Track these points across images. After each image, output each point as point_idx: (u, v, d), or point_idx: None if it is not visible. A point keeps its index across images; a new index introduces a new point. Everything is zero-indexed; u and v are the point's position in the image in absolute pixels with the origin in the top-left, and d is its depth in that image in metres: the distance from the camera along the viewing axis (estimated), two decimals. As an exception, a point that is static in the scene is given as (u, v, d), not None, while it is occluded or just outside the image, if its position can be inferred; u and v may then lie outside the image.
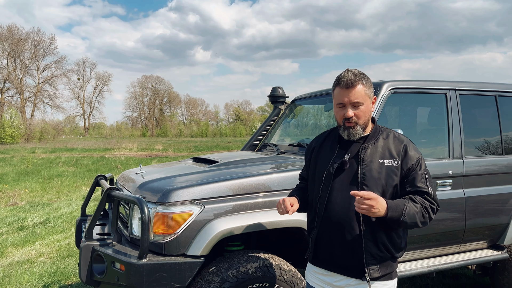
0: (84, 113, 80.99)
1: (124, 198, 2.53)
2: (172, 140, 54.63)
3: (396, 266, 1.97)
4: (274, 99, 4.55)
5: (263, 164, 3.08)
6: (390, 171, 1.88)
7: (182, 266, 2.38)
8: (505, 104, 3.72)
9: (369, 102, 1.94)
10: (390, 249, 1.90)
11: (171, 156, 23.99)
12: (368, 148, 1.93)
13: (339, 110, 1.94)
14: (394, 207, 1.79)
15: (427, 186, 1.88)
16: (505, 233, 3.54)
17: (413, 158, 1.90)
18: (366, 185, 1.86)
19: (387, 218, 1.78)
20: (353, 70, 1.93)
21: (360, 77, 1.90)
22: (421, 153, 1.96)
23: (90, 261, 2.55)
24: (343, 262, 1.92)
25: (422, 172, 1.90)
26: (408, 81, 3.34)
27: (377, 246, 1.87)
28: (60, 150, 28.76)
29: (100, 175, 3.42)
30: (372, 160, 1.89)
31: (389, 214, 1.78)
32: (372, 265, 1.87)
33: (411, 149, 1.93)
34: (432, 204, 1.88)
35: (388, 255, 1.90)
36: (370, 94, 1.94)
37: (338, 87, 1.92)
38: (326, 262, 1.98)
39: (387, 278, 1.92)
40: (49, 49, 63.45)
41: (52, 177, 13.49)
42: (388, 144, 1.93)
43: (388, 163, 1.88)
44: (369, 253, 1.86)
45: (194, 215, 2.46)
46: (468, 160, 3.40)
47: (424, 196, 1.87)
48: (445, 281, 4.40)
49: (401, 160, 1.89)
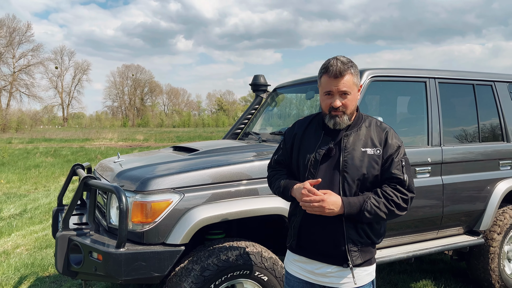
0: (63, 103, 79.23)
1: (101, 186, 2.47)
2: (154, 130, 54.06)
3: (375, 252, 1.99)
4: (255, 87, 4.52)
5: (244, 152, 3.06)
6: (372, 159, 1.87)
7: (161, 255, 2.35)
8: (483, 93, 3.78)
9: (356, 90, 1.91)
10: (371, 235, 1.91)
11: (152, 146, 23.74)
12: (350, 135, 1.91)
13: (326, 99, 1.90)
14: (351, 204, 1.80)
15: (402, 173, 1.86)
16: (481, 219, 3.62)
17: (393, 146, 1.89)
18: (347, 172, 1.85)
19: (345, 215, 1.80)
20: (341, 58, 1.88)
21: (349, 66, 1.86)
22: (402, 141, 1.95)
23: (66, 251, 2.50)
24: (325, 250, 1.91)
25: (399, 159, 1.88)
26: (389, 69, 3.35)
27: (358, 232, 1.88)
28: (38, 140, 28.12)
29: (77, 163, 3.35)
30: (354, 147, 1.88)
31: (345, 211, 1.79)
32: (354, 252, 1.87)
33: (391, 137, 1.92)
34: (403, 194, 1.84)
35: (368, 241, 1.91)
36: (358, 82, 1.91)
37: (326, 75, 1.87)
38: (308, 250, 1.96)
39: (367, 263, 1.93)
40: (25, 37, 61.58)
41: (29, 167, 13.18)
42: (370, 132, 1.92)
43: (370, 151, 1.87)
44: (350, 240, 1.86)
45: (174, 203, 2.43)
46: (446, 148, 3.45)
47: (396, 187, 1.84)
48: (423, 266, 4.49)
49: (382, 148, 1.88)
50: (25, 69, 61.47)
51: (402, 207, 1.84)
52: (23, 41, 61.66)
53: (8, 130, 41.87)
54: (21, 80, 60.85)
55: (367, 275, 1.94)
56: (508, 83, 3.95)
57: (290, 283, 2.05)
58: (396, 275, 4.21)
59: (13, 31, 59.99)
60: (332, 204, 1.78)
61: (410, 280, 4.10)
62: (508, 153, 3.77)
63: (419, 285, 4.00)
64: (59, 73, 77.57)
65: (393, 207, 1.82)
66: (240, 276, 2.54)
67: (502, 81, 3.91)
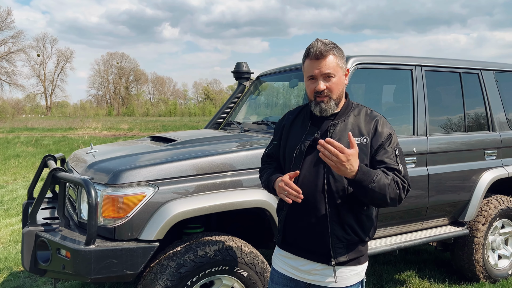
0: (46, 92, 77.60)
1: (69, 179, 2.32)
2: (139, 119, 53.38)
3: (366, 250, 1.85)
4: (238, 75, 4.37)
5: (223, 143, 2.93)
6: (359, 149, 1.69)
7: (134, 251, 2.22)
8: (469, 82, 3.70)
9: (342, 74, 1.79)
10: (358, 231, 1.78)
11: (137, 135, 23.40)
12: (337, 125, 1.79)
13: (310, 84, 1.79)
14: (366, 170, 1.63)
15: (397, 162, 1.74)
16: (466, 209, 3.57)
17: (383, 134, 1.77)
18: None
19: (356, 180, 1.62)
20: (323, 40, 1.77)
21: (331, 47, 1.75)
22: (394, 130, 1.82)
23: (33, 248, 2.35)
24: (308, 246, 1.81)
25: (392, 148, 1.76)
26: (374, 56, 3.25)
27: (344, 228, 1.75)
28: (19, 130, 27.48)
29: (48, 154, 3.17)
30: (340, 137, 1.76)
31: (357, 176, 1.61)
32: (338, 248, 1.75)
33: (381, 125, 1.79)
34: (403, 181, 1.72)
35: (355, 238, 1.78)
36: (343, 65, 1.79)
37: (308, 59, 1.78)
38: (293, 245, 1.87)
39: (355, 263, 1.80)
40: (5, 23, 59.80)
41: (8, 157, 12.82)
42: (358, 121, 1.80)
43: (357, 141, 1.74)
44: (335, 236, 1.75)
45: (147, 197, 2.30)
46: (432, 137, 3.37)
47: (395, 173, 1.72)
48: (408, 257, 4.45)
49: (371, 137, 1.76)
50: (6, 57, 59.80)
51: (401, 195, 1.71)
52: (3, 28, 59.90)
53: (-11, 119, 40.89)
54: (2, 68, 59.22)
55: (354, 275, 1.81)
56: (495, 71, 3.88)
57: (274, 279, 1.95)
58: (380, 266, 4.17)
59: (-8, 17, 58.23)
60: (353, 162, 1.58)
61: (394, 271, 4.05)
62: (494, 142, 3.71)
63: (403, 276, 3.96)
64: (42, 61, 75.86)
65: (398, 189, 1.69)
66: (218, 272, 2.44)
67: (489, 69, 3.84)
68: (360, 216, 1.78)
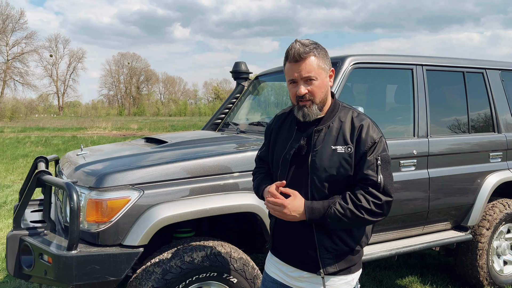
0: (58, 92, 78.48)
1: (53, 182, 2.27)
2: (149, 119, 53.64)
3: (358, 259, 1.76)
4: (236, 75, 4.30)
5: (215, 145, 2.86)
6: (342, 158, 1.63)
7: (117, 257, 2.16)
8: (473, 81, 3.57)
9: (325, 76, 1.67)
10: (347, 241, 1.69)
11: (146, 135, 23.48)
12: (321, 131, 1.68)
13: (291, 88, 1.69)
14: (314, 209, 1.61)
15: (376, 173, 1.61)
16: (469, 213, 3.45)
17: (367, 142, 1.63)
18: (315, 174, 1.65)
19: (309, 221, 1.62)
20: (302, 40, 1.66)
21: (311, 48, 1.63)
22: (381, 135, 1.67)
23: (18, 253, 2.31)
24: (296, 255, 1.75)
25: (375, 157, 1.62)
26: (372, 55, 3.14)
27: (331, 238, 1.67)
28: (30, 129, 27.79)
29: (40, 156, 3.13)
30: (324, 145, 1.66)
31: (307, 217, 1.61)
32: (327, 259, 1.68)
33: (366, 131, 1.65)
34: (376, 199, 1.59)
35: (345, 248, 1.69)
36: (325, 66, 1.67)
37: (288, 62, 1.67)
38: (281, 253, 1.82)
39: (345, 272, 1.72)
40: (18, 24, 60.67)
41: (17, 157, 12.94)
42: (344, 127, 1.67)
43: (340, 150, 1.63)
44: (322, 247, 1.67)
45: (132, 201, 2.24)
46: (433, 139, 3.26)
47: (368, 189, 1.60)
48: (410, 261, 4.33)
49: (355, 145, 1.64)
50: (19, 57, 60.70)
51: (374, 212, 1.59)
52: (16, 29, 60.79)
53: (2, 119, 41.46)
54: (15, 69, 60.14)
55: (344, 283, 1.73)
56: (501, 70, 3.74)
57: (265, 283, 1.90)
58: (381, 271, 4.06)
59: (6, 19, 59.09)
60: (294, 210, 1.61)
61: (396, 277, 3.94)
62: (499, 144, 3.58)
63: (405, 281, 3.85)
64: (54, 61, 76.70)
65: (363, 214, 1.58)
66: (206, 278, 2.36)
67: (494, 68, 3.70)
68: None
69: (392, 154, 3.02)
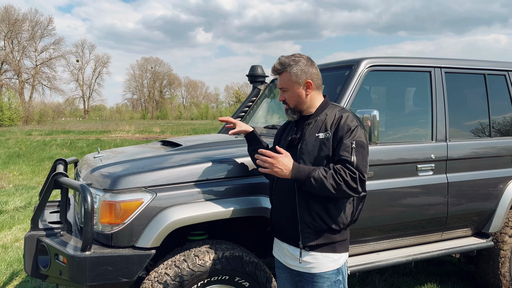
0: (84, 96, 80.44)
1: (68, 184, 2.33)
2: (172, 123, 54.31)
3: (340, 238, 1.97)
4: (253, 79, 4.31)
5: (228, 148, 2.86)
6: (322, 143, 1.93)
7: (129, 259, 2.19)
8: (495, 84, 3.47)
9: (297, 88, 2.00)
10: (325, 219, 1.92)
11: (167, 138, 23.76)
12: (311, 123, 2.01)
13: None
14: (300, 169, 1.86)
15: (350, 154, 1.85)
16: (490, 220, 3.34)
17: (343, 128, 1.90)
18: (302, 159, 1.95)
19: (293, 177, 1.87)
20: (282, 58, 2.02)
21: (286, 65, 1.99)
22: (358, 125, 1.92)
23: (35, 253, 2.37)
24: (286, 230, 2.04)
25: (350, 140, 1.87)
26: (389, 58, 3.09)
27: (311, 215, 1.93)
28: (57, 132, 28.55)
29: (59, 158, 3.22)
30: (310, 134, 1.98)
31: (293, 175, 1.86)
32: (306, 233, 1.94)
33: (344, 120, 1.92)
34: (352, 172, 1.82)
35: (323, 225, 1.93)
36: (298, 80, 1.98)
37: None
38: (277, 232, 2.13)
39: (329, 249, 1.95)
40: (47, 31, 62.66)
41: (43, 159, 13.32)
42: (327, 119, 1.98)
43: (321, 136, 1.94)
44: (303, 222, 1.94)
45: (145, 203, 2.26)
46: (452, 143, 3.18)
47: (345, 165, 1.84)
48: (430, 268, 4.23)
49: (333, 132, 1.92)
50: (47, 63, 62.64)
51: (351, 185, 1.81)
52: (44, 35, 62.79)
53: (31, 122, 42.77)
54: (43, 73, 62.08)
55: (330, 261, 1.95)
56: (524, 72, 3.62)
57: (276, 264, 2.23)
58: (399, 277, 3.97)
59: (35, 25, 61.10)
60: (282, 165, 1.86)
61: (414, 283, 3.85)
62: (523, 148, 3.46)
63: (423, 289, 3.76)
64: (80, 66, 78.70)
65: (341, 181, 1.81)
66: (218, 282, 2.37)
67: (517, 70, 3.58)
68: (327, 205, 1.92)
69: (409, 158, 2.99)
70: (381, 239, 3.02)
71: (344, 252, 2.01)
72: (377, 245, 3.03)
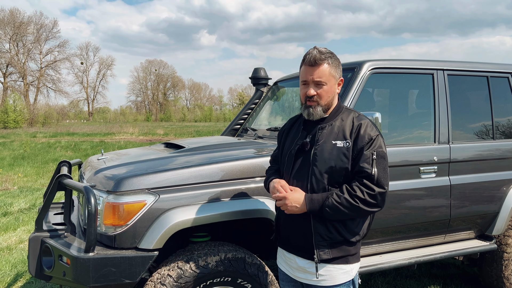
0: (88, 98, 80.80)
1: (72, 186, 2.34)
2: (175, 125, 54.43)
3: (354, 250, 1.89)
4: (256, 81, 4.32)
5: (231, 150, 2.88)
6: (341, 152, 1.82)
7: (132, 260, 2.20)
8: (498, 86, 3.47)
9: (334, 83, 1.88)
10: (342, 232, 1.83)
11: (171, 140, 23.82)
12: (325, 128, 1.89)
13: (303, 88, 1.91)
14: (314, 200, 1.78)
15: (371, 166, 1.77)
16: (494, 222, 3.33)
17: (364, 138, 1.81)
18: (315, 166, 1.84)
19: (309, 211, 1.79)
20: (320, 48, 1.87)
21: (327, 56, 1.84)
22: (378, 133, 1.85)
23: (39, 254, 2.39)
24: (296, 242, 1.92)
25: (371, 151, 1.79)
26: (391, 60, 3.10)
27: (327, 227, 1.83)
28: (61, 134, 28.69)
29: (63, 160, 3.24)
30: (325, 140, 1.85)
31: (308, 208, 1.78)
32: (322, 247, 1.83)
33: (364, 128, 1.83)
34: (370, 189, 1.75)
35: (339, 238, 1.84)
36: (336, 75, 1.87)
37: (304, 64, 1.89)
38: (285, 243, 2.00)
39: (342, 261, 1.86)
40: (52, 33, 62.96)
41: (48, 161, 13.39)
42: (344, 125, 1.87)
43: (340, 144, 1.83)
44: (318, 234, 1.83)
45: (148, 205, 2.28)
46: (455, 145, 3.18)
47: (362, 181, 1.76)
48: (433, 271, 4.22)
49: (353, 140, 1.82)
50: (52, 65, 62.93)
51: (369, 202, 1.75)
52: (49, 38, 63.11)
53: (36, 124, 42.99)
54: (48, 76, 62.38)
55: (343, 273, 1.87)
56: (527, 74, 3.61)
57: (280, 277, 2.11)
58: (402, 280, 3.96)
59: (40, 28, 61.43)
60: (295, 201, 1.80)
61: (418, 286, 3.84)
62: (526, 151, 3.45)
63: (426, 291, 3.75)
64: (85, 69, 79.09)
65: (357, 203, 1.74)
66: (220, 283, 2.38)
67: (521, 72, 3.58)
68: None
69: (411, 160, 2.99)
70: (384, 241, 3.02)
71: (356, 262, 1.92)
72: (380, 247, 3.03)
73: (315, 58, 1.82)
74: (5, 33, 57.08)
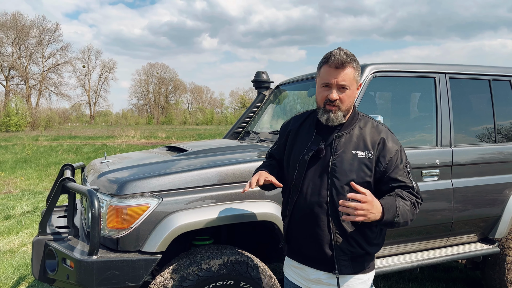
0: (90, 101, 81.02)
1: (76, 189, 2.36)
2: (177, 128, 54.51)
3: (371, 260, 1.86)
4: (258, 84, 4.34)
5: (233, 153, 2.89)
6: (362, 163, 1.73)
7: (135, 263, 2.21)
8: (500, 89, 3.47)
9: (355, 87, 1.79)
10: (363, 244, 1.76)
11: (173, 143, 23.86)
12: (342, 136, 1.79)
13: (323, 91, 1.77)
14: (388, 207, 1.64)
15: (410, 180, 1.76)
16: (496, 225, 3.33)
17: (391, 150, 1.75)
18: (336, 177, 1.73)
19: (383, 220, 1.63)
20: (345, 50, 1.76)
21: (352, 59, 1.74)
22: (400, 144, 1.83)
23: (43, 257, 2.40)
24: (312, 254, 1.81)
25: (404, 165, 1.77)
26: (393, 64, 3.11)
27: (348, 241, 1.74)
28: (63, 138, 28.74)
29: (67, 164, 3.25)
30: (345, 150, 1.75)
31: (384, 216, 1.63)
32: (343, 260, 1.75)
33: (389, 140, 1.78)
34: (417, 198, 1.77)
35: (361, 251, 1.76)
36: (358, 79, 1.78)
37: (327, 65, 1.74)
38: (296, 253, 1.89)
39: (361, 272, 1.81)
40: (54, 37, 63.26)
41: (50, 164, 13.42)
42: (364, 134, 1.78)
43: (361, 155, 1.74)
44: (339, 248, 1.74)
45: (151, 208, 2.29)
46: (457, 149, 3.18)
47: (409, 191, 1.75)
48: (436, 274, 4.21)
49: (378, 152, 1.75)
50: (54, 68, 63.18)
51: (415, 212, 1.75)
52: (51, 41, 63.40)
53: (37, 128, 43.09)
54: (50, 79, 62.61)
55: (361, 283, 1.81)
56: (529, 78, 3.61)
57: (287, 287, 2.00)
58: (405, 283, 3.96)
59: (42, 31, 61.71)
60: (376, 208, 1.60)
61: (420, 289, 3.84)
62: (528, 154, 3.45)
63: (429, 295, 3.74)
64: (86, 72, 79.36)
65: (415, 210, 1.73)
66: (223, 286, 2.37)
67: (522, 76, 3.58)
68: (363, 229, 1.76)
69: (413, 164, 2.99)
70: (386, 244, 3.02)
71: (373, 270, 1.86)
72: (382, 250, 3.03)
73: (342, 60, 1.69)
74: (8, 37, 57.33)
